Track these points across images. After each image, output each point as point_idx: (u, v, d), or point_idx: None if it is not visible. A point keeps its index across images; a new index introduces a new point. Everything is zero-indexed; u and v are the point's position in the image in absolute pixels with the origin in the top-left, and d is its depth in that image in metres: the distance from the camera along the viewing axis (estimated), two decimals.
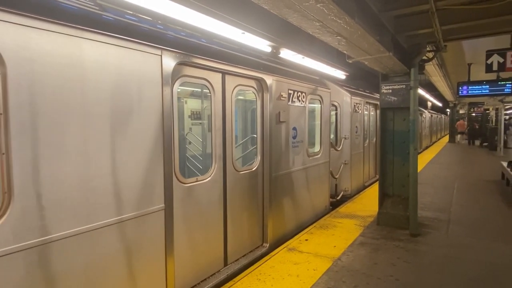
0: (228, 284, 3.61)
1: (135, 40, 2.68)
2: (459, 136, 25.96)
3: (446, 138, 28.20)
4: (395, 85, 5.50)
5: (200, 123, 6.58)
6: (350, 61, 4.70)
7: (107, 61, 2.49)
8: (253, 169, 4.44)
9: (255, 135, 4.61)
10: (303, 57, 4.74)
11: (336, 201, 7.39)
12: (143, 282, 2.82)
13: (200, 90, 5.95)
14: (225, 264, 3.99)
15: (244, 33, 3.44)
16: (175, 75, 3.15)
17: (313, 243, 4.78)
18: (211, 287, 3.58)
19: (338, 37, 3.43)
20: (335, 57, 5.97)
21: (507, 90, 9.63)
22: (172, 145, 3.08)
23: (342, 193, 7.83)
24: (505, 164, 8.76)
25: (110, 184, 2.54)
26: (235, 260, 4.16)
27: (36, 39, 2.07)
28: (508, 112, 31.07)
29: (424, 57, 5.45)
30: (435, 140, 26.88)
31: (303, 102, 5.43)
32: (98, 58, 2.42)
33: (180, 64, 3.16)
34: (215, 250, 3.82)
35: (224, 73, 3.82)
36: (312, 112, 6.19)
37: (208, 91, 3.72)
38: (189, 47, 3.27)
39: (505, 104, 18.06)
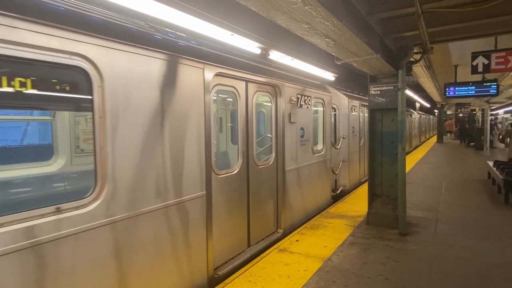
0: (220, 286, 3.61)
1: (186, 57, 3.29)
2: (448, 135, 26.53)
3: (435, 138, 28.67)
4: (383, 86, 5.57)
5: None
6: (339, 63, 4.74)
7: (167, 74, 3.06)
8: (269, 164, 5.03)
9: (269, 135, 5.24)
10: (292, 59, 4.77)
11: (336, 195, 7.86)
12: (194, 252, 3.44)
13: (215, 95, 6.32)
14: (249, 245, 4.57)
15: (233, 34, 3.46)
16: (212, 84, 3.74)
17: (304, 243, 4.80)
18: (237, 265, 4.10)
19: (327, 39, 3.46)
20: (325, 58, 6.03)
21: (493, 91, 9.85)
22: (211, 142, 3.67)
23: (341, 188, 8.36)
24: (491, 163, 8.93)
25: (173, 174, 3.14)
26: (256, 242, 4.73)
27: (120, 59, 2.64)
28: (494, 112, 31.75)
29: (412, 59, 5.53)
30: (424, 140, 27.34)
31: (309, 105, 6.07)
32: (161, 72, 3.00)
33: (216, 75, 3.77)
34: (240, 232, 4.41)
35: (247, 81, 4.44)
36: (315, 113, 6.63)
37: (232, 98, 4.31)
38: (222, 61, 3.87)
39: (490, 105, 18.47)
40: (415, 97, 17.49)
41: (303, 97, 5.78)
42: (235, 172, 4.25)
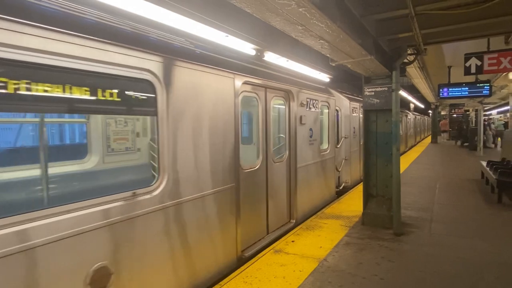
0: (216, 287, 3.60)
1: (222, 69, 3.86)
2: (442, 135, 26.72)
3: (429, 139, 28.87)
4: (378, 87, 5.60)
5: None
6: (334, 64, 4.77)
7: (209, 83, 3.65)
8: (284, 161, 5.58)
9: (282, 135, 5.78)
10: (287, 60, 4.79)
11: (339, 191, 8.42)
12: (227, 234, 4.03)
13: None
14: (267, 232, 5.11)
15: (227, 36, 3.47)
16: (240, 91, 4.27)
17: (300, 244, 4.81)
18: (258, 249, 4.63)
19: (321, 41, 3.48)
20: (321, 60, 6.07)
21: (485, 92, 9.97)
22: (239, 140, 4.22)
23: (343, 184, 8.80)
24: (484, 163, 9.01)
25: (212, 167, 3.72)
26: (273, 230, 5.26)
27: (176, 73, 3.18)
28: (487, 113, 32.06)
29: (405, 60, 5.57)
30: (419, 140, 27.57)
31: (316, 107, 6.62)
32: (204, 82, 3.58)
33: (243, 83, 4.29)
34: (261, 220, 4.95)
35: (266, 87, 4.97)
36: (320, 115, 7.11)
37: (254, 103, 4.96)
38: (248, 71, 4.40)
39: (484, 106, 18.64)
40: (410, 98, 17.62)
41: (311, 100, 6.33)
42: (257, 167, 4.81)
